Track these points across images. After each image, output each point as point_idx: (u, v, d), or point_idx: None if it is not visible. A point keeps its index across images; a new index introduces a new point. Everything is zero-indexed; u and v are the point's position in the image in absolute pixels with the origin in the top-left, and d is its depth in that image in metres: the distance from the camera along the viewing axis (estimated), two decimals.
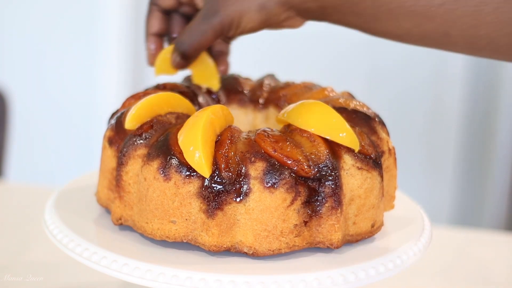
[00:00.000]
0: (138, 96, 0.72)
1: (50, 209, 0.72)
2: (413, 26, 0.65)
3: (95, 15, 2.28)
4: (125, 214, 0.67)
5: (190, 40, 0.70)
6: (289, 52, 2.28)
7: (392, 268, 0.64)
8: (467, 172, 2.34)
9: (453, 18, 0.63)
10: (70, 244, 0.65)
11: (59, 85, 2.35)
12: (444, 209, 2.35)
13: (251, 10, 0.67)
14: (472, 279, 0.98)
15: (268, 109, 0.80)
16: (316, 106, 0.67)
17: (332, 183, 0.63)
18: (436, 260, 1.01)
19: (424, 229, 0.71)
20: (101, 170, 0.72)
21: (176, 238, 0.64)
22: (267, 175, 0.62)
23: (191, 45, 0.70)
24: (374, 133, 0.69)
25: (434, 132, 2.32)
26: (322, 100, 0.72)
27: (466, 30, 0.63)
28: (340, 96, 0.74)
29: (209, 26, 0.69)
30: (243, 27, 0.69)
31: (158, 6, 0.75)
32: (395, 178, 0.73)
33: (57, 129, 2.37)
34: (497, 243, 1.11)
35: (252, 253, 0.63)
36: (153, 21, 0.75)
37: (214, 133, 0.64)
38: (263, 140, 0.64)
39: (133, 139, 0.67)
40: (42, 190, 1.23)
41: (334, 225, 0.64)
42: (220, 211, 0.62)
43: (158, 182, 0.63)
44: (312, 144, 0.64)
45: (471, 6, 0.62)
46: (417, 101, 2.29)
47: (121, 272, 0.61)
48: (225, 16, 0.68)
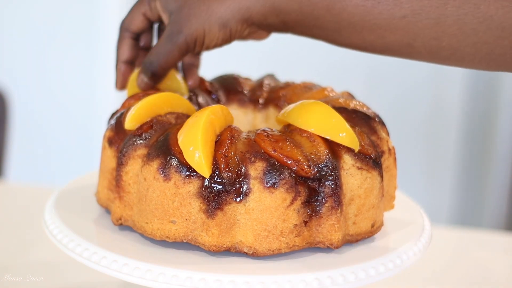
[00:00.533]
0: (138, 97, 0.72)
1: (50, 209, 0.72)
2: (376, 38, 0.66)
3: (95, 15, 2.28)
4: (125, 214, 0.67)
5: (158, 60, 0.72)
6: (289, 52, 2.28)
7: (392, 268, 0.64)
8: (467, 172, 2.34)
9: (415, 30, 0.64)
10: (70, 244, 0.65)
11: (59, 85, 2.35)
12: (444, 209, 2.35)
13: (213, 28, 0.69)
14: (472, 279, 0.98)
15: (268, 109, 0.80)
16: (316, 106, 0.67)
17: (332, 183, 0.63)
18: (436, 260, 1.01)
19: (424, 229, 0.71)
20: (101, 170, 0.72)
21: (176, 238, 0.64)
22: (267, 175, 0.62)
23: (159, 65, 0.72)
24: (374, 133, 0.69)
25: (434, 132, 2.32)
26: (322, 100, 0.72)
27: (428, 41, 0.64)
28: (340, 96, 0.74)
29: (174, 46, 0.70)
30: (207, 44, 0.71)
31: (130, 33, 0.76)
32: (395, 178, 0.73)
33: (57, 129, 2.37)
34: (497, 243, 1.11)
35: (252, 253, 0.63)
36: (124, 48, 0.76)
37: (214, 133, 0.64)
38: (263, 140, 0.64)
39: (133, 139, 0.67)
40: (42, 190, 1.23)
41: (334, 225, 0.64)
42: (220, 211, 0.62)
43: (158, 182, 0.63)
44: (312, 144, 0.64)
45: (433, 18, 0.63)
46: (417, 101, 2.29)
47: (121, 272, 0.61)
48: (188, 35, 0.70)
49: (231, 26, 0.70)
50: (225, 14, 0.69)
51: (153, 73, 0.72)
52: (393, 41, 0.66)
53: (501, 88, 2.22)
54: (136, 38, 0.77)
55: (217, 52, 0.80)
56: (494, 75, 2.21)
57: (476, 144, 2.31)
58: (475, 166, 2.33)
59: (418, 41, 0.64)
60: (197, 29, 0.69)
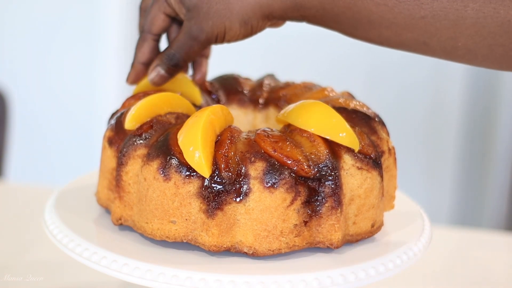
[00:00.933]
0: (138, 96, 0.72)
1: (50, 209, 0.72)
2: (392, 35, 0.67)
3: (95, 15, 2.28)
4: (125, 214, 0.67)
5: (179, 53, 0.72)
6: (289, 52, 2.28)
7: (392, 268, 0.64)
8: (467, 172, 2.34)
9: (432, 30, 0.65)
10: (70, 244, 0.65)
11: (59, 85, 2.35)
12: (444, 209, 2.35)
13: (234, 25, 0.69)
14: (472, 279, 0.98)
15: (268, 109, 0.80)
16: (316, 106, 0.67)
17: (332, 183, 0.63)
18: (436, 260, 1.01)
19: (424, 229, 0.71)
20: (101, 170, 0.72)
21: (176, 238, 0.64)
22: (267, 175, 0.62)
23: (181, 57, 0.72)
24: (374, 133, 0.69)
25: (434, 132, 2.31)
26: (322, 100, 0.72)
27: (444, 41, 0.65)
28: (340, 96, 0.74)
29: (195, 42, 0.70)
30: (228, 39, 0.71)
31: (152, 35, 0.76)
32: (395, 178, 0.73)
33: (57, 129, 2.37)
34: (497, 243, 1.11)
35: (252, 253, 0.63)
36: (145, 51, 0.76)
37: (214, 133, 0.64)
38: (263, 140, 0.64)
39: (133, 139, 0.67)
40: (42, 190, 1.23)
41: (334, 225, 0.64)
42: (220, 211, 0.62)
43: (158, 182, 0.63)
44: (312, 144, 0.64)
45: (451, 20, 0.64)
46: (417, 101, 2.29)
47: (121, 272, 0.61)
48: (209, 32, 0.70)
49: (252, 22, 0.69)
50: (246, 11, 0.69)
51: (175, 65, 0.72)
52: (409, 39, 0.66)
53: (501, 88, 2.22)
54: (157, 39, 0.77)
55: (217, 52, 0.80)
56: (494, 75, 2.21)
57: (476, 144, 2.31)
58: (475, 166, 2.33)
59: (434, 40, 0.65)
60: (218, 26, 0.69)
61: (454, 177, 2.35)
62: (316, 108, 0.67)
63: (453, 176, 2.35)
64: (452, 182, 2.35)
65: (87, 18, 2.29)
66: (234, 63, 1.79)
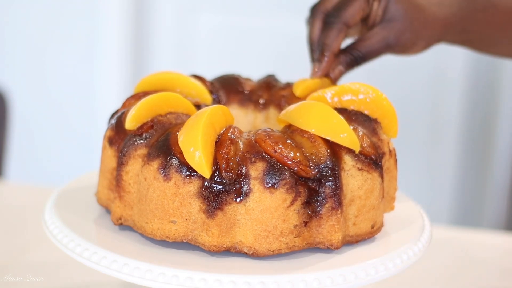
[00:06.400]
0: (138, 96, 0.72)
1: (50, 209, 0.72)
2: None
3: (95, 15, 2.28)
4: (125, 214, 0.67)
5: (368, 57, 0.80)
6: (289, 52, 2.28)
7: (392, 268, 0.64)
8: (467, 172, 2.34)
9: None
10: (70, 244, 0.65)
11: (59, 85, 2.35)
12: (444, 209, 2.35)
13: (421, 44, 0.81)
14: (472, 279, 0.98)
15: (269, 109, 0.80)
16: (317, 107, 0.67)
17: (332, 184, 0.63)
18: (436, 260, 1.01)
19: (424, 229, 0.71)
20: (101, 170, 0.72)
21: (176, 238, 0.64)
22: (267, 176, 0.62)
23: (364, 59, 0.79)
24: (375, 134, 0.69)
25: (434, 133, 2.31)
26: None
27: None
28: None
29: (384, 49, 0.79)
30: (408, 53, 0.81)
31: (347, 27, 0.78)
32: (396, 180, 0.73)
33: (57, 129, 2.37)
34: (497, 243, 1.11)
35: (252, 253, 0.63)
36: (340, 41, 0.79)
37: (214, 133, 0.64)
38: (263, 141, 0.64)
39: (133, 139, 0.67)
40: (42, 190, 1.23)
41: (334, 225, 0.64)
42: (220, 211, 0.62)
43: (158, 182, 0.63)
44: (313, 145, 0.64)
45: None
46: (417, 102, 2.29)
47: (121, 272, 0.61)
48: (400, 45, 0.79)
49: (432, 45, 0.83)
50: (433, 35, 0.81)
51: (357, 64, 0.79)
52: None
53: (501, 89, 2.22)
54: None
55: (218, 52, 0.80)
56: (494, 75, 2.21)
57: (476, 144, 2.31)
58: (475, 166, 2.33)
59: None
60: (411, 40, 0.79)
61: (454, 178, 2.35)
62: (316, 108, 0.67)
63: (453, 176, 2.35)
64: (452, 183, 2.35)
65: (87, 19, 2.29)
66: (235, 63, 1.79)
